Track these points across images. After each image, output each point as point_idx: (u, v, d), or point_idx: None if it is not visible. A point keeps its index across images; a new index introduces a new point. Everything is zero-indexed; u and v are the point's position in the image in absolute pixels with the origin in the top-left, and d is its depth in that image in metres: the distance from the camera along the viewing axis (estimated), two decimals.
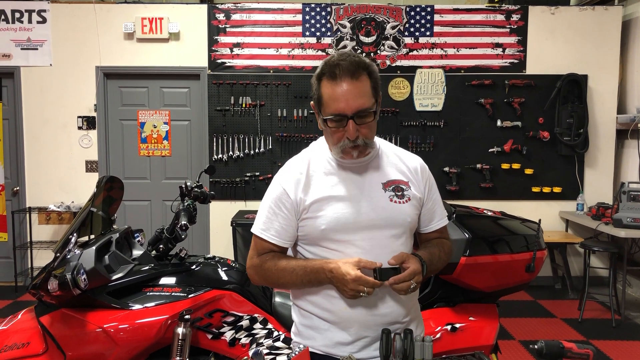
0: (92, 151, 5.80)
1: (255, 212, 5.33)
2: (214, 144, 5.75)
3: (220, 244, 5.77)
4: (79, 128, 5.78)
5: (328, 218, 1.62)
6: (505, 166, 5.81)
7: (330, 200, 1.63)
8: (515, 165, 5.81)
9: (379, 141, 1.74)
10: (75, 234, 2.33)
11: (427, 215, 1.75)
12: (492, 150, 5.79)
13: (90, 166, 5.81)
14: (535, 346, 1.42)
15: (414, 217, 1.68)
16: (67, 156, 5.79)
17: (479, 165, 5.78)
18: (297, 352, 1.46)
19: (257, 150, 5.75)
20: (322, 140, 1.75)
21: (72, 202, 5.69)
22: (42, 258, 5.73)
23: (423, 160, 1.79)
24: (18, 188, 5.83)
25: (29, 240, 5.72)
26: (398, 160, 1.73)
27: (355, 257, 1.57)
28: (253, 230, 1.75)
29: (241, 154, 5.75)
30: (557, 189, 5.83)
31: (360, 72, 1.54)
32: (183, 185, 2.63)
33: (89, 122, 5.78)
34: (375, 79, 1.59)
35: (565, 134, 5.70)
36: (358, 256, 1.58)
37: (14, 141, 5.82)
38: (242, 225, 5.04)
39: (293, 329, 1.77)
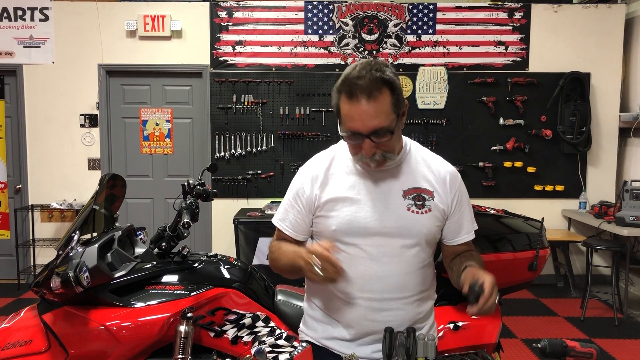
0: (94, 149, 5.81)
1: (257, 210, 5.37)
2: (216, 141, 5.75)
3: (223, 242, 5.77)
4: (81, 126, 5.79)
5: (339, 219, 1.61)
6: (507, 164, 5.80)
7: (344, 201, 1.61)
8: (518, 164, 5.80)
9: (409, 143, 1.70)
10: (77, 232, 2.33)
11: (453, 227, 1.69)
12: (494, 148, 5.79)
13: (93, 164, 5.81)
14: (539, 345, 1.41)
15: (432, 228, 1.63)
16: (69, 154, 5.80)
17: (481, 164, 5.77)
18: (300, 351, 1.46)
19: (259, 148, 5.75)
20: None
21: (75, 199, 5.70)
22: (44, 256, 5.74)
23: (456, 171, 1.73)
24: (20, 186, 5.84)
25: (31, 238, 5.72)
26: (426, 167, 1.67)
27: (361, 261, 1.57)
28: (273, 220, 1.80)
29: (243, 152, 5.75)
30: (559, 187, 5.83)
31: (378, 92, 1.48)
32: (185, 183, 2.63)
33: (91, 120, 5.78)
34: (397, 94, 1.52)
35: (567, 132, 5.69)
36: (364, 262, 1.57)
37: (17, 139, 5.84)
38: (244, 223, 5.04)
39: (302, 317, 1.86)
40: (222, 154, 5.74)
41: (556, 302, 5.26)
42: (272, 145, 5.75)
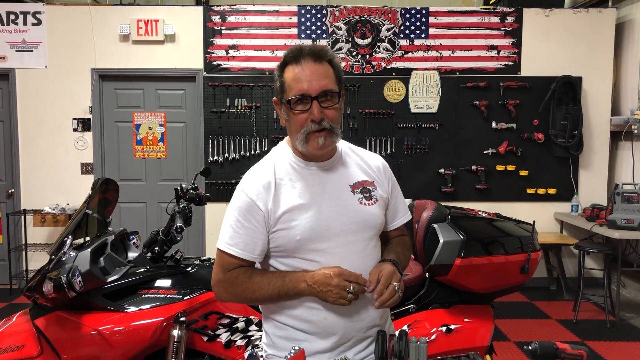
0: (87, 153, 5.79)
1: None
2: (210, 145, 5.74)
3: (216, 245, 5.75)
4: (74, 130, 5.77)
5: (302, 227, 1.55)
6: (500, 168, 5.83)
7: (301, 208, 1.56)
8: (510, 167, 5.83)
9: (340, 140, 1.68)
10: (70, 236, 2.33)
11: (391, 213, 1.74)
12: (487, 152, 5.81)
13: (86, 168, 5.80)
14: (529, 347, 1.42)
15: (382, 218, 1.67)
16: (62, 158, 5.78)
17: (474, 167, 5.80)
18: (292, 354, 1.46)
19: (252, 152, 5.76)
20: (283, 143, 1.70)
21: (68, 204, 5.68)
22: (37, 260, 5.71)
23: (384, 160, 1.79)
24: (13, 190, 5.81)
25: (24, 242, 5.69)
26: (360, 160, 1.71)
27: (332, 265, 1.52)
28: (218, 245, 1.62)
29: (237, 156, 5.75)
30: (551, 191, 5.86)
31: (323, 57, 1.54)
32: (178, 187, 2.63)
33: (84, 124, 5.77)
34: (338, 70, 1.59)
35: (559, 136, 5.73)
36: (335, 264, 1.52)
37: (9, 143, 5.81)
38: None
39: (265, 339, 1.69)
40: (216, 157, 5.74)
41: (549, 305, 5.28)
42: (266, 149, 5.75)
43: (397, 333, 1.50)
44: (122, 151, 5.90)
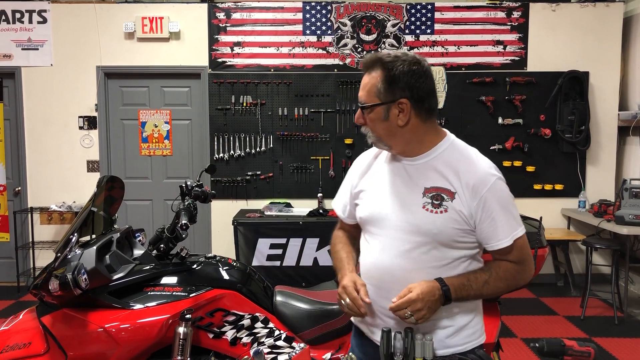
0: (93, 151, 5.81)
1: (256, 211, 5.36)
2: (215, 143, 5.75)
3: (222, 243, 5.77)
4: (80, 128, 5.79)
5: (364, 208, 1.74)
6: (506, 164, 5.80)
7: (373, 192, 1.73)
8: (517, 163, 5.80)
9: (450, 142, 1.69)
10: (76, 234, 2.33)
11: (483, 234, 1.62)
12: (493, 147, 5.78)
13: (92, 166, 5.81)
14: (537, 344, 1.41)
15: (445, 229, 1.59)
16: (68, 156, 5.80)
17: None
18: (297, 352, 1.45)
19: (258, 149, 5.75)
20: None
21: (74, 202, 5.70)
22: (44, 258, 5.74)
23: (497, 177, 1.62)
24: (20, 188, 5.83)
25: (31, 240, 5.72)
26: (454, 168, 1.62)
27: (375, 250, 1.69)
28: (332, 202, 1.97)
29: (242, 153, 5.75)
30: (558, 187, 5.82)
31: (372, 68, 1.63)
32: (183, 185, 2.63)
33: (90, 122, 5.78)
34: (388, 77, 1.58)
35: (566, 131, 5.69)
36: (379, 251, 1.67)
37: (15, 141, 5.83)
38: (243, 225, 5.03)
39: None
40: (221, 155, 5.74)
41: (556, 301, 5.25)
42: (271, 146, 5.75)
43: (402, 330, 1.49)
44: (128, 149, 5.91)
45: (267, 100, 5.73)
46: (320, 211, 5.27)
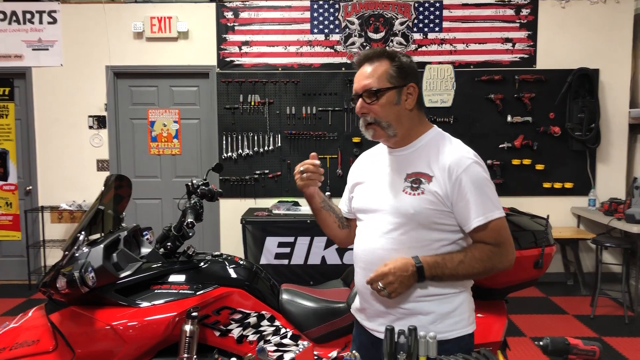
0: (103, 150, 5.85)
1: (264, 209, 5.37)
2: (224, 142, 5.76)
3: (231, 241, 5.79)
4: (90, 127, 5.84)
5: (357, 198, 1.89)
6: (515, 162, 5.77)
7: (365, 184, 1.87)
8: (526, 161, 5.76)
9: (435, 132, 1.80)
10: (83, 232, 2.34)
11: (461, 215, 1.69)
12: (502, 146, 5.75)
13: (101, 165, 5.86)
14: (541, 342, 1.41)
15: (422, 210, 1.67)
16: (78, 155, 5.85)
17: (489, 161, 5.74)
18: (300, 350, 1.46)
19: (266, 148, 5.77)
20: None
21: (84, 200, 5.75)
22: (54, 256, 5.79)
23: (471, 162, 1.70)
24: (30, 187, 5.89)
25: (41, 239, 5.77)
26: (434, 155, 1.72)
27: (364, 234, 1.82)
28: None
29: (250, 152, 5.77)
30: (568, 185, 5.78)
31: (377, 59, 1.74)
32: (190, 183, 2.64)
33: (99, 122, 5.83)
34: (398, 68, 1.72)
35: (576, 129, 5.65)
36: (366, 235, 1.80)
37: (26, 141, 5.89)
38: (251, 223, 5.05)
39: None
40: (230, 154, 5.76)
41: (566, 300, 5.22)
42: (279, 144, 5.76)
43: (406, 329, 1.49)
44: (137, 148, 5.95)
45: (275, 99, 5.74)
46: None
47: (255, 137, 5.76)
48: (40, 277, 5.80)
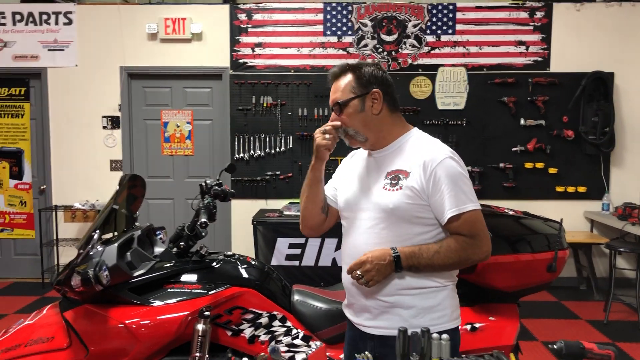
0: (116, 150, 5.90)
1: (275, 210, 5.39)
2: (236, 143, 5.79)
3: (242, 242, 5.80)
4: (104, 127, 5.88)
5: (341, 197, 1.98)
6: (528, 165, 5.74)
7: (346, 184, 1.97)
8: (539, 165, 5.73)
9: (414, 134, 1.90)
10: (98, 231, 2.37)
11: (436, 207, 1.77)
12: (515, 149, 5.72)
13: (115, 165, 5.90)
14: (555, 346, 1.40)
15: (400, 205, 1.76)
16: (92, 155, 5.90)
17: (502, 165, 5.72)
18: (313, 350, 1.46)
19: (278, 149, 5.78)
20: None
21: (97, 200, 5.79)
22: (68, 255, 5.84)
23: (449, 155, 1.78)
24: (44, 186, 5.95)
25: (55, 237, 5.83)
26: (412, 153, 1.82)
27: (349, 232, 1.92)
28: None
29: (262, 153, 5.78)
30: (581, 189, 5.74)
31: (341, 74, 1.87)
32: (203, 183, 2.65)
33: (113, 122, 5.87)
34: (360, 79, 1.84)
35: (590, 133, 5.60)
36: (351, 232, 1.91)
37: (41, 140, 5.96)
38: (262, 224, 5.06)
39: None
40: (242, 155, 5.78)
41: (578, 305, 5.18)
42: (291, 146, 5.77)
43: (419, 330, 1.49)
44: (150, 148, 5.99)
45: (287, 100, 5.75)
46: None
47: (267, 139, 5.78)
48: (54, 275, 5.85)
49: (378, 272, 1.72)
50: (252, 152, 5.78)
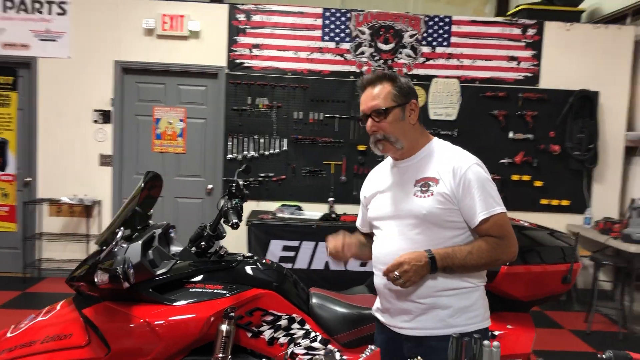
0: (106, 145, 5.80)
1: (268, 212, 5.38)
2: (229, 143, 5.76)
3: (234, 243, 5.70)
4: (94, 121, 5.78)
5: (372, 210, 2.06)
6: (515, 177, 5.89)
7: (377, 195, 2.05)
8: (525, 177, 5.89)
9: (436, 143, 2.00)
10: (122, 228, 2.34)
11: (466, 211, 1.86)
12: (503, 161, 5.87)
13: (104, 160, 5.80)
14: (604, 356, 1.46)
15: (432, 209, 1.85)
16: (81, 149, 5.79)
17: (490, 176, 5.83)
18: (368, 353, 1.49)
19: (271, 151, 5.78)
20: None
21: (85, 195, 5.68)
22: (51, 250, 5.72)
23: (476, 162, 1.90)
24: (30, 179, 5.80)
25: (38, 231, 5.69)
26: (439, 161, 1.91)
27: (382, 239, 1.99)
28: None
29: (256, 154, 5.77)
30: (565, 202, 5.92)
31: (379, 82, 1.94)
32: (234, 185, 2.64)
33: (104, 116, 5.78)
34: (399, 88, 1.92)
35: (575, 149, 5.79)
36: (383, 240, 1.98)
37: (27, 132, 5.81)
38: (257, 225, 5.05)
39: None
40: (235, 155, 5.76)
41: (560, 315, 5.33)
42: (285, 148, 5.78)
43: (473, 337, 1.53)
44: (140, 145, 5.91)
45: (283, 103, 5.76)
46: (333, 215, 5.31)
47: (262, 140, 5.78)
48: (36, 270, 5.71)
49: (415, 272, 1.79)
50: (245, 152, 5.76)
